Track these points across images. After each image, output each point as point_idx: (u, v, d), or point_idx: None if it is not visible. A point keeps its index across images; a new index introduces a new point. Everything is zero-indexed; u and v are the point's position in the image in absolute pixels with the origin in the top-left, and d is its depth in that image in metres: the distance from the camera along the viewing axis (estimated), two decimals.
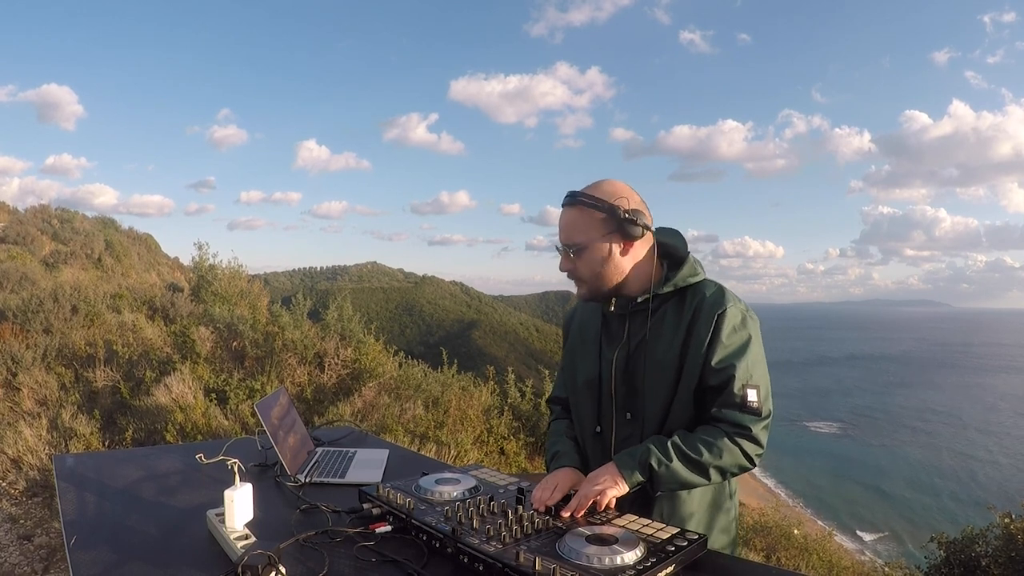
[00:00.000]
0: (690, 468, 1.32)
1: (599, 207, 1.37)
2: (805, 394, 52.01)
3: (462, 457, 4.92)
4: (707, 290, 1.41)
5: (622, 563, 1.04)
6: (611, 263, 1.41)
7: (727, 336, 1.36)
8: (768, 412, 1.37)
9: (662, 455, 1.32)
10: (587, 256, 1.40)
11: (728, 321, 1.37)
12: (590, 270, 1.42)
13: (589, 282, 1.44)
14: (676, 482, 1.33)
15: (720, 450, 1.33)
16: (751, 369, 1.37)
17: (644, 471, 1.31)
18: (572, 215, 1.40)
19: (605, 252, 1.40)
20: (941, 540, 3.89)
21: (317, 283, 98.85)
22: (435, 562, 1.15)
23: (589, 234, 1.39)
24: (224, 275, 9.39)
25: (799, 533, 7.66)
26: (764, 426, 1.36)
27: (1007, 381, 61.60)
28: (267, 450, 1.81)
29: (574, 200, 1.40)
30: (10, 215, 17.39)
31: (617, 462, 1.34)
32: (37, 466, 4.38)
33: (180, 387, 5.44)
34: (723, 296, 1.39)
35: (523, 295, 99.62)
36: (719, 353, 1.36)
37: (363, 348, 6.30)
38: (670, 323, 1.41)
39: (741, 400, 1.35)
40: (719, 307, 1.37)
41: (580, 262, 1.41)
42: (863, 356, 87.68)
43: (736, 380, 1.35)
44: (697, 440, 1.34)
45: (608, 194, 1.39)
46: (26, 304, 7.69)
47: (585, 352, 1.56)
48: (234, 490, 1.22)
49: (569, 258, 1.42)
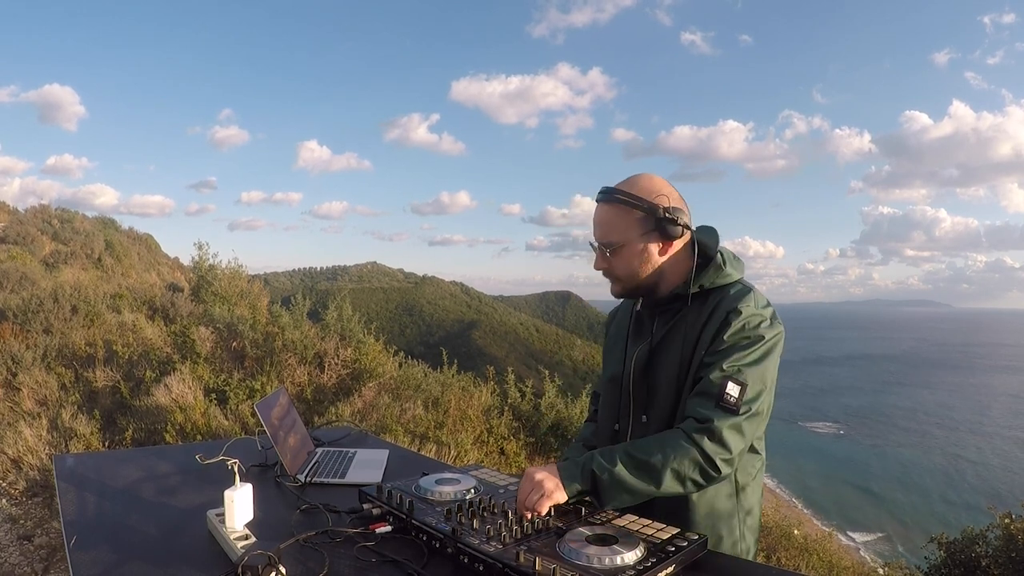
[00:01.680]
0: (638, 474, 1.21)
1: (638, 205, 1.32)
2: (802, 394, 52.03)
3: (462, 457, 4.92)
4: (732, 290, 1.35)
5: (622, 563, 1.04)
6: (648, 262, 1.36)
7: (730, 335, 1.29)
8: (747, 412, 1.24)
9: (605, 460, 1.23)
10: (624, 255, 1.35)
11: (738, 321, 1.29)
12: (626, 269, 1.37)
13: (624, 280, 1.39)
14: (623, 490, 1.22)
15: (674, 450, 1.22)
16: (743, 364, 1.26)
17: (586, 480, 1.23)
18: (608, 212, 1.35)
19: (642, 251, 1.35)
20: (941, 540, 3.89)
21: (317, 283, 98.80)
22: (435, 562, 1.15)
23: (627, 233, 1.34)
24: (224, 275, 9.40)
25: (799, 533, 7.66)
26: (733, 425, 1.22)
27: (1004, 381, 61.62)
28: (267, 450, 1.81)
29: (611, 197, 1.34)
30: (10, 215, 17.38)
31: (560, 468, 1.26)
32: (37, 466, 4.38)
33: (180, 387, 5.44)
34: (744, 297, 1.33)
35: (523, 295, 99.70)
36: (716, 347, 1.29)
37: (363, 348, 6.29)
38: (690, 322, 1.35)
39: (717, 391, 1.24)
40: (732, 307, 1.31)
41: (617, 260, 1.36)
42: (862, 356, 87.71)
43: (717, 369, 1.26)
44: (651, 441, 1.26)
45: (647, 191, 1.33)
46: (26, 304, 7.69)
47: (615, 348, 1.54)
48: (234, 490, 1.22)
49: (605, 256, 1.37)
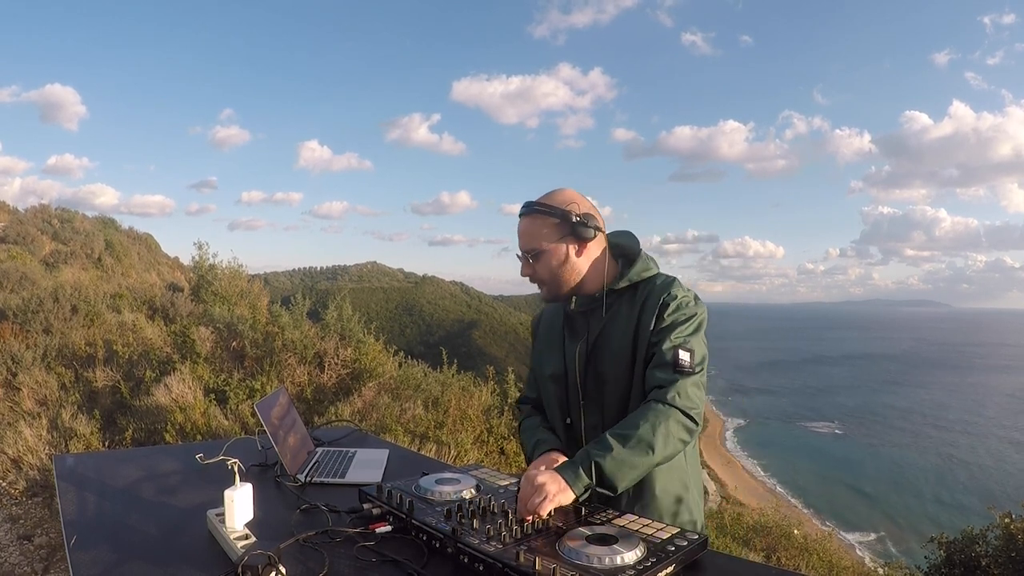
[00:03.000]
0: (632, 447, 1.30)
1: (552, 213, 1.47)
2: (802, 394, 52.06)
3: (462, 457, 4.92)
4: (658, 280, 1.51)
5: (622, 563, 1.04)
6: (567, 265, 1.50)
7: (669, 314, 1.44)
8: (700, 371, 1.41)
9: (600, 447, 1.32)
10: (545, 260, 1.49)
11: (672, 303, 1.45)
12: (549, 273, 1.50)
13: (549, 284, 1.52)
14: (627, 467, 1.30)
15: (655, 416, 1.33)
16: (686, 336, 1.42)
17: (589, 470, 1.29)
18: (528, 223, 1.49)
19: (562, 255, 1.49)
20: (941, 540, 3.89)
21: (317, 283, 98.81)
22: (435, 562, 1.15)
23: (546, 239, 1.48)
24: (224, 275, 9.40)
25: (799, 533, 7.67)
26: (694, 383, 1.39)
27: (1000, 380, 61.69)
28: (267, 450, 1.81)
29: (530, 209, 1.49)
30: (10, 215, 17.38)
31: (559, 470, 1.30)
32: (37, 466, 4.38)
33: (180, 387, 5.44)
34: (671, 284, 1.48)
35: (523, 295, 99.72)
36: (659, 325, 1.44)
37: (363, 348, 6.29)
38: (624, 314, 1.49)
39: (672, 359, 1.39)
40: (665, 291, 1.46)
41: (539, 266, 1.50)
42: (861, 356, 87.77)
43: (668, 341, 1.41)
44: (630, 419, 1.36)
45: (560, 201, 1.49)
46: (26, 304, 7.69)
47: (551, 349, 1.64)
48: (234, 490, 1.22)
49: (529, 263, 1.51)
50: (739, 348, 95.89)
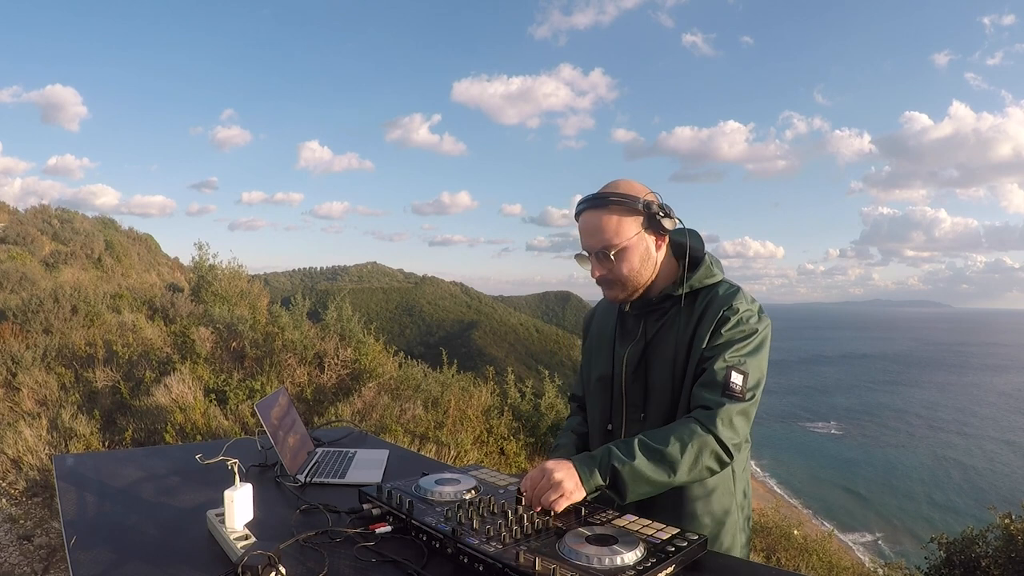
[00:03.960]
0: (656, 463, 1.24)
1: (633, 204, 1.35)
2: (801, 394, 52.09)
3: (462, 457, 4.92)
4: (720, 289, 1.40)
5: (622, 563, 1.04)
6: (649, 260, 1.40)
7: (728, 330, 1.35)
8: (752, 398, 1.31)
9: (623, 453, 1.24)
10: (627, 256, 1.37)
11: (733, 317, 1.35)
12: (630, 270, 1.39)
13: (628, 282, 1.40)
14: (643, 482, 1.24)
15: (689, 439, 1.25)
16: (743, 355, 1.32)
17: (605, 473, 1.24)
18: (604, 217, 1.36)
19: (643, 250, 1.38)
20: (941, 541, 3.89)
21: (317, 283, 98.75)
22: (435, 562, 1.15)
23: (627, 234, 1.36)
24: (224, 275, 9.40)
25: (799, 533, 7.67)
26: (741, 411, 1.29)
27: (994, 380, 61.73)
28: (267, 450, 1.81)
29: (605, 201, 1.36)
30: (10, 215, 17.38)
31: (576, 464, 1.25)
32: (37, 466, 4.37)
33: (180, 387, 5.44)
34: (735, 295, 1.38)
35: (523, 295, 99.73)
36: (714, 342, 1.34)
37: (363, 348, 6.29)
38: (681, 322, 1.40)
39: (723, 380, 1.30)
40: (726, 304, 1.36)
41: (620, 263, 1.38)
42: (860, 356, 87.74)
43: (721, 360, 1.31)
44: (664, 431, 1.28)
45: (636, 191, 1.38)
46: (26, 304, 7.69)
47: (601, 349, 1.56)
48: (234, 490, 1.22)
49: (607, 261, 1.38)
50: None
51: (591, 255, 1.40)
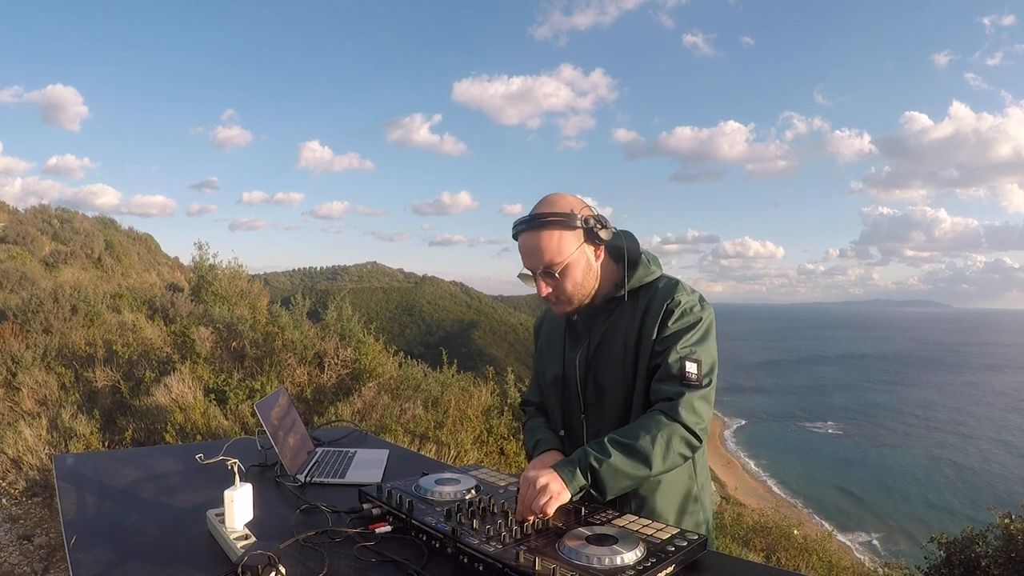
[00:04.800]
0: (631, 457, 1.28)
1: (568, 220, 1.38)
2: (800, 394, 52.12)
3: (462, 457, 4.92)
4: (659, 284, 1.46)
5: (622, 563, 1.04)
6: (591, 272, 1.44)
7: (673, 322, 1.40)
8: (708, 383, 1.36)
9: (599, 452, 1.29)
10: (571, 273, 1.41)
11: (676, 309, 1.41)
12: (574, 284, 1.42)
13: (574, 296, 1.44)
14: (621, 476, 1.29)
15: (658, 430, 1.30)
16: (692, 345, 1.38)
17: (585, 473, 1.28)
18: (544, 237, 1.38)
19: (584, 264, 1.42)
20: (941, 540, 3.89)
21: (317, 283, 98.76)
22: (435, 562, 1.15)
23: (568, 250, 1.39)
24: (224, 275, 9.40)
25: (799, 533, 7.67)
26: (701, 396, 1.34)
27: (991, 379, 61.81)
28: (267, 450, 1.81)
29: (543, 221, 1.38)
30: (10, 215, 17.38)
31: (557, 469, 1.29)
32: (37, 466, 4.37)
33: (180, 387, 5.44)
34: (675, 288, 1.44)
35: (523, 295, 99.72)
36: (663, 334, 1.40)
37: (363, 348, 6.29)
38: (625, 322, 1.45)
39: (679, 371, 1.35)
40: (668, 298, 1.42)
41: (565, 279, 1.41)
42: (860, 356, 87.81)
43: (673, 352, 1.36)
44: (633, 427, 1.34)
45: (568, 206, 1.40)
46: (26, 304, 7.69)
47: (552, 354, 1.61)
48: (234, 490, 1.22)
49: (551, 279, 1.41)
50: (739, 348, 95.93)
51: (535, 275, 1.43)
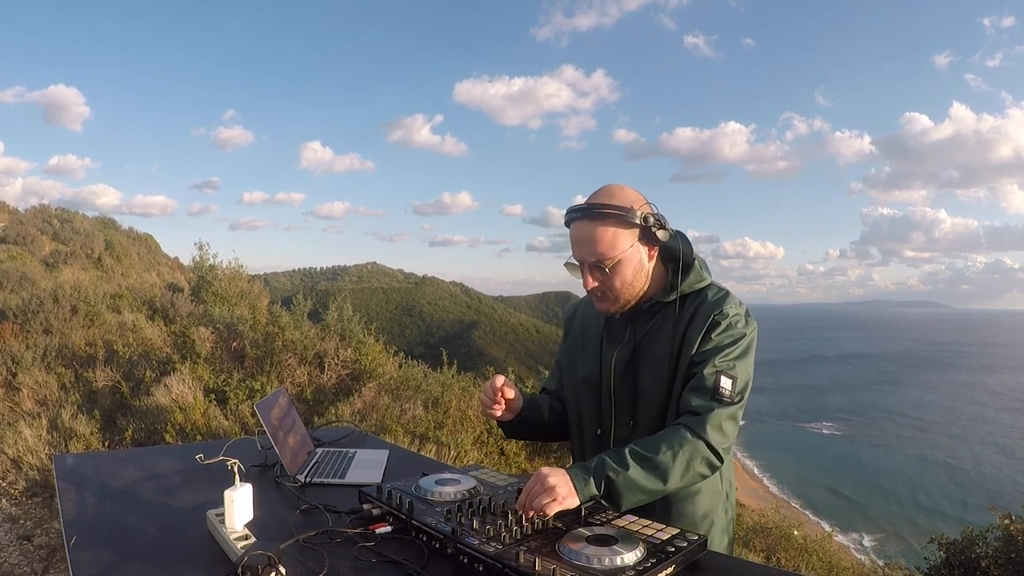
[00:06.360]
0: (648, 471, 1.24)
1: (628, 215, 1.32)
2: (799, 393, 52.14)
3: (462, 457, 4.92)
4: (709, 293, 1.40)
5: (622, 563, 1.04)
6: (642, 272, 1.38)
7: (717, 335, 1.35)
8: (740, 402, 1.32)
9: (616, 463, 1.24)
10: (621, 269, 1.35)
11: (723, 322, 1.36)
12: (623, 282, 1.37)
13: (621, 295, 1.39)
14: (636, 490, 1.24)
15: (680, 445, 1.26)
16: (732, 359, 1.33)
17: (599, 483, 1.24)
18: (600, 229, 1.32)
19: (637, 262, 1.37)
20: (941, 541, 3.89)
21: (317, 283, 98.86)
22: (435, 563, 1.15)
23: (622, 247, 1.34)
24: (224, 275, 9.41)
25: (799, 534, 7.67)
26: (730, 415, 1.30)
27: (988, 380, 61.86)
28: (267, 450, 1.81)
29: (600, 213, 1.32)
30: (10, 215, 17.38)
31: (571, 473, 1.24)
32: (37, 466, 4.37)
33: (180, 387, 5.44)
34: (724, 300, 1.39)
35: (523, 295, 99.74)
36: (703, 347, 1.35)
37: (363, 348, 6.29)
38: (669, 327, 1.40)
39: (713, 384, 1.30)
40: (717, 308, 1.37)
41: (615, 276, 1.36)
42: (859, 356, 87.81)
43: (711, 365, 1.32)
44: (654, 439, 1.29)
45: (631, 201, 1.35)
46: (26, 304, 7.69)
47: (586, 350, 1.55)
48: (234, 490, 1.22)
49: (600, 273, 1.36)
50: None
51: (583, 266, 1.38)
